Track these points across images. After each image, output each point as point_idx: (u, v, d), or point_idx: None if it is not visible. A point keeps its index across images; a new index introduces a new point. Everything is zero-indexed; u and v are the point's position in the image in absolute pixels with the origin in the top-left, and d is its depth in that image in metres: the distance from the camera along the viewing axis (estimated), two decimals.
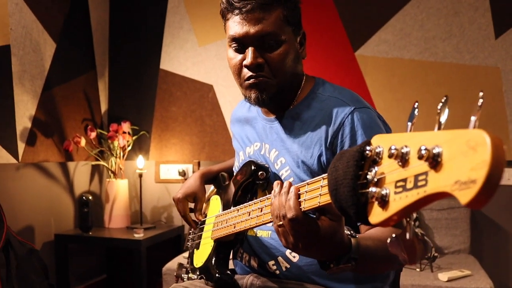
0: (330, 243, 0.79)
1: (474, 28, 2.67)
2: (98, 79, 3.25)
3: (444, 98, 0.51)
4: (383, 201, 0.53)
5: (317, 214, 0.81)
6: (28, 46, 2.61)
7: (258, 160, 1.18)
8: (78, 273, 3.01)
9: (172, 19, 3.20)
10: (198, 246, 1.29)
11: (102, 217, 3.05)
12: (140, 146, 3.24)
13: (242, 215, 1.03)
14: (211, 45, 3.11)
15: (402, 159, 0.51)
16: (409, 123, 0.56)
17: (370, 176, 0.57)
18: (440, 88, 2.72)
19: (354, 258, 0.80)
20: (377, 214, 0.55)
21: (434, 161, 0.47)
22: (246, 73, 1.08)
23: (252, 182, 1.13)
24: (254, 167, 1.12)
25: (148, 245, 2.72)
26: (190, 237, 1.39)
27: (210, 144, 3.11)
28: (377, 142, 0.58)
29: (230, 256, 1.21)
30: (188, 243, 1.39)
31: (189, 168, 3.13)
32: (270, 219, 0.88)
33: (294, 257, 1.10)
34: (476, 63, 2.67)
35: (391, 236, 0.56)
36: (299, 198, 0.80)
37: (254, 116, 1.27)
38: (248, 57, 1.06)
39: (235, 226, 1.06)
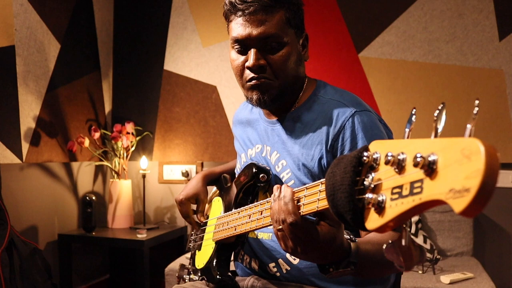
0: (329, 248, 0.79)
1: (478, 30, 2.66)
2: (102, 80, 3.27)
3: (440, 106, 0.51)
4: (380, 207, 0.54)
5: (316, 218, 0.81)
6: (32, 46, 2.63)
7: (259, 162, 1.19)
8: (81, 273, 3.02)
9: (176, 20, 3.21)
10: (200, 248, 1.30)
11: (105, 217, 3.06)
12: (143, 146, 3.25)
13: (243, 218, 1.03)
14: (215, 46, 3.11)
15: (399, 166, 0.52)
16: (406, 129, 0.57)
17: (367, 182, 0.57)
18: (443, 90, 2.71)
19: (354, 263, 0.80)
20: (373, 220, 0.55)
21: (430, 168, 0.47)
22: (248, 74, 1.09)
23: (253, 184, 1.14)
24: (255, 170, 1.12)
25: (151, 245, 2.73)
26: (192, 238, 1.39)
27: (213, 145, 3.12)
28: (374, 148, 0.59)
29: (231, 258, 1.21)
30: (190, 244, 1.40)
31: (192, 168, 3.14)
32: (270, 223, 0.89)
33: (294, 259, 1.11)
34: (480, 66, 2.66)
35: (387, 242, 0.56)
36: (298, 202, 0.80)
37: (256, 118, 1.28)
38: (250, 58, 1.07)
39: (236, 228, 1.06)
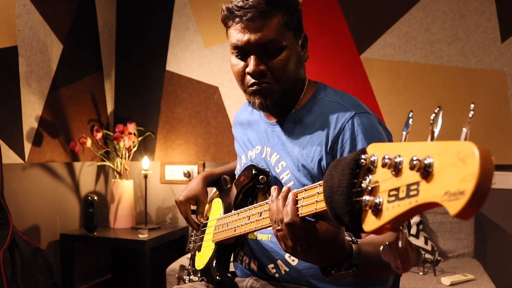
0: (329, 248, 0.79)
1: (480, 31, 2.66)
2: (104, 80, 3.28)
3: (437, 109, 0.51)
4: (377, 209, 0.54)
5: (315, 219, 0.82)
6: (35, 47, 2.64)
7: (259, 164, 1.19)
8: (83, 272, 3.03)
9: (178, 21, 3.22)
10: (199, 248, 1.31)
11: (107, 217, 3.07)
12: (145, 147, 3.26)
13: (242, 219, 1.04)
14: (217, 46, 3.12)
15: (395, 169, 0.52)
16: (403, 132, 0.57)
17: (364, 184, 0.58)
18: (445, 92, 2.71)
19: (356, 264, 0.81)
20: (370, 222, 0.56)
21: (426, 171, 0.47)
22: (249, 80, 1.10)
23: (253, 186, 1.14)
24: (255, 171, 1.13)
25: (152, 245, 2.73)
26: (192, 239, 1.40)
27: (215, 145, 3.12)
28: (372, 150, 0.59)
29: (231, 259, 1.22)
30: (190, 245, 1.41)
31: (194, 169, 3.15)
32: (269, 224, 0.89)
33: (293, 260, 1.11)
34: (481, 67, 2.66)
35: (384, 244, 0.56)
36: (297, 203, 0.80)
37: (256, 119, 1.29)
38: (250, 65, 1.07)
39: (236, 230, 1.07)
